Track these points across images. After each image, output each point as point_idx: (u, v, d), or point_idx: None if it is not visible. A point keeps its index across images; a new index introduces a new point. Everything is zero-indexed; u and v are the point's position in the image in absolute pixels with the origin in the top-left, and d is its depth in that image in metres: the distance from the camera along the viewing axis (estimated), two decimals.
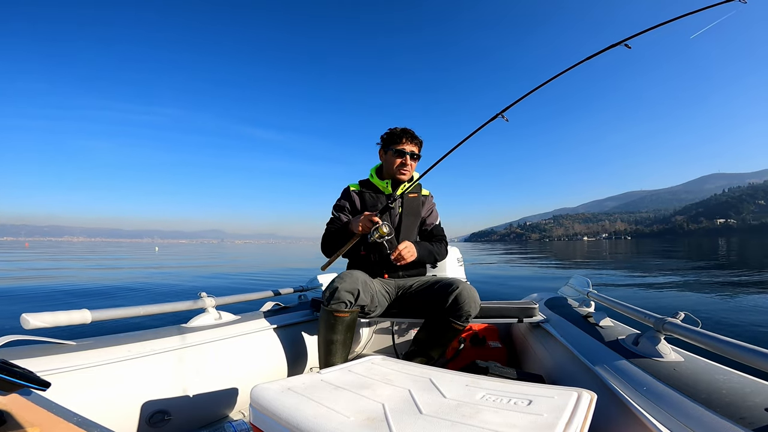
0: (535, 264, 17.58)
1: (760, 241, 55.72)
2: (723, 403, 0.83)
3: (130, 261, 20.99)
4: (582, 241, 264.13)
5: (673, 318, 1.18)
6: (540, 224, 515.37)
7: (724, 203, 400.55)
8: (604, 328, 1.55)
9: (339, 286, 1.51)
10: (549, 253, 32.08)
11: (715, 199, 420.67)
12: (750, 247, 32.63)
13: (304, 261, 20.99)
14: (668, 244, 59.58)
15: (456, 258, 2.65)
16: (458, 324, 1.58)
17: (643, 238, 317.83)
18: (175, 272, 13.81)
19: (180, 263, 19.46)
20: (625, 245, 64.57)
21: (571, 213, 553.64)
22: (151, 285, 8.93)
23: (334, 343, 1.55)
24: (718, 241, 66.96)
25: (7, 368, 0.64)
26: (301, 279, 2.57)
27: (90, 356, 1.21)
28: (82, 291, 7.72)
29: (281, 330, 1.86)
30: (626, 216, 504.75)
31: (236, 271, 13.89)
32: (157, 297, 7.19)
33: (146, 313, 1.49)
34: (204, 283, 9.91)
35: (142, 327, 1.53)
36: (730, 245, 38.58)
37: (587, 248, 49.68)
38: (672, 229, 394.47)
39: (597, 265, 16.76)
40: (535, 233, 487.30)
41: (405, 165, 1.84)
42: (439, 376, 1.02)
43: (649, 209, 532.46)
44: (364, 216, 1.64)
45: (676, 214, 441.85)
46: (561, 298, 2.20)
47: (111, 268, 16.12)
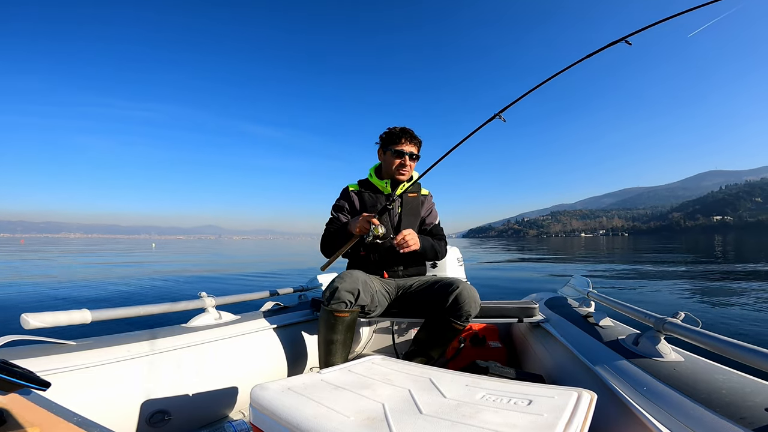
0: (533, 261, 17.53)
1: (757, 238, 56.68)
2: (723, 403, 0.83)
3: (126, 258, 20.79)
4: (579, 238, 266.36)
5: (673, 318, 1.18)
6: (538, 220, 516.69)
7: (721, 200, 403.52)
8: (604, 328, 1.55)
9: (339, 286, 1.51)
10: (546, 250, 32.05)
11: (712, 196, 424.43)
12: (746, 244, 33.03)
13: (303, 257, 20.84)
14: (665, 240, 59.72)
15: (456, 258, 2.65)
16: (458, 324, 1.58)
17: (640, 234, 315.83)
18: (173, 269, 13.73)
19: (177, 260, 19.34)
20: (622, 242, 64.94)
21: (569, 209, 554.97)
22: (150, 285, 8.93)
23: (334, 342, 1.55)
24: (714, 238, 67.79)
25: (7, 368, 0.64)
26: (301, 279, 2.57)
27: (90, 356, 1.21)
28: (76, 291, 7.69)
29: (281, 330, 1.86)
30: (623, 213, 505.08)
31: (235, 270, 13.81)
32: (156, 297, 7.18)
33: (146, 313, 1.49)
34: (204, 283, 9.91)
35: (142, 327, 1.53)
36: (726, 242, 39.17)
37: (584, 245, 49.93)
38: (669, 225, 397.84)
39: (593, 261, 16.99)
40: (532, 229, 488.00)
41: (404, 165, 1.83)
42: (439, 376, 1.02)
43: (646, 206, 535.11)
44: (362, 217, 1.64)
45: (673, 211, 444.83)
46: (561, 298, 2.20)
47: (106, 263, 16.06)
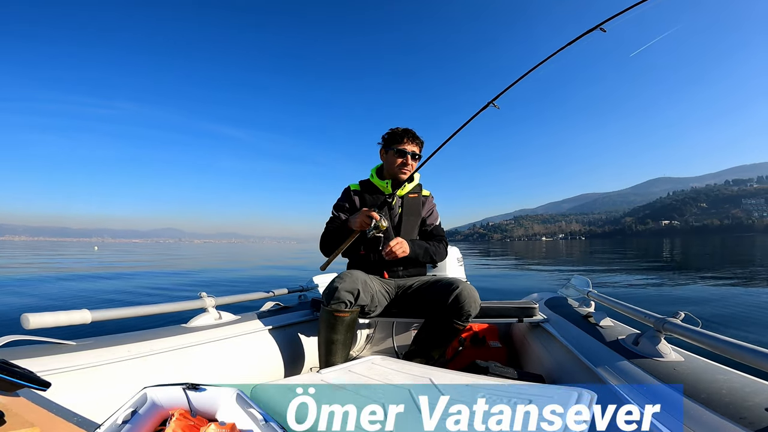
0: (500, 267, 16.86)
1: (701, 242, 59.56)
2: (723, 403, 0.83)
3: (50, 260, 19.12)
4: (541, 241, 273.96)
5: (674, 318, 1.18)
6: (502, 224, 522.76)
7: (669, 206, 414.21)
8: (604, 328, 1.55)
9: (339, 286, 1.51)
10: (510, 254, 32.05)
11: (660, 201, 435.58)
12: (691, 247, 34.89)
13: (266, 261, 19.72)
14: (617, 244, 63.01)
15: (456, 258, 2.65)
16: (458, 324, 1.58)
17: (595, 238, 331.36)
18: (103, 273, 11.98)
19: (112, 264, 17.51)
20: (579, 245, 69.08)
21: (531, 214, 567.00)
22: (151, 285, 8.93)
23: (334, 342, 1.55)
24: (662, 241, 70.71)
25: (7, 368, 0.64)
26: (301, 279, 2.57)
27: (90, 356, 1.21)
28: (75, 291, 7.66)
29: (281, 330, 1.86)
30: (581, 217, 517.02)
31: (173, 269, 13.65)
32: (156, 297, 7.18)
33: (146, 313, 1.49)
34: (204, 282, 9.92)
35: (142, 327, 1.53)
36: (673, 245, 41.23)
37: (545, 248, 51.80)
38: (622, 230, 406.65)
39: (552, 263, 17.47)
40: (497, 233, 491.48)
41: (406, 164, 1.84)
42: (439, 376, 1.02)
43: (601, 211, 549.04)
44: (362, 212, 1.65)
45: (625, 216, 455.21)
46: (561, 298, 2.20)
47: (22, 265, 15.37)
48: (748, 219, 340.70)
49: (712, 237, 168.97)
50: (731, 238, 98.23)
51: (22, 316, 1.14)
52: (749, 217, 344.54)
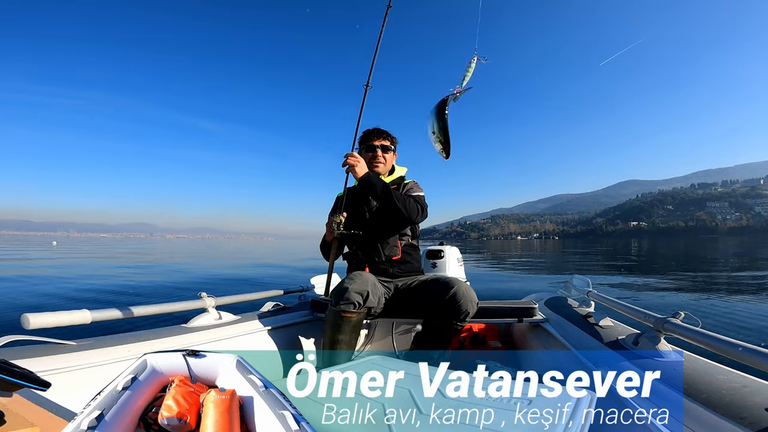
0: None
1: (667, 242, 62.43)
2: (723, 403, 0.83)
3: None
4: (516, 240, 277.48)
5: (673, 318, 1.18)
6: (479, 223, 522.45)
7: (637, 207, 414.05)
8: (604, 327, 1.55)
9: (349, 287, 1.51)
10: (487, 252, 32.52)
11: (629, 203, 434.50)
12: (658, 247, 36.48)
13: (293, 260, 19.18)
14: (588, 244, 64.69)
15: (456, 258, 2.65)
16: (457, 323, 1.58)
17: (568, 237, 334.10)
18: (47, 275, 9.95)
19: (68, 260, 16.27)
20: (553, 244, 71.67)
21: (507, 213, 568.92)
22: (150, 285, 8.93)
23: (339, 343, 1.55)
24: (630, 242, 72.85)
25: (7, 368, 0.64)
26: (301, 279, 2.57)
27: (90, 356, 1.21)
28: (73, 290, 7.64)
29: (281, 330, 1.86)
30: (555, 217, 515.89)
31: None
32: (156, 297, 7.18)
33: (146, 313, 1.49)
34: (204, 282, 9.92)
35: (142, 327, 1.53)
36: (640, 246, 42.86)
37: (521, 247, 53.27)
38: (593, 230, 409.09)
39: (523, 263, 17.76)
40: (474, 232, 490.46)
41: (376, 157, 1.87)
42: (439, 375, 1.02)
43: (574, 211, 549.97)
44: (327, 223, 1.78)
45: (597, 217, 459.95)
46: (561, 298, 2.20)
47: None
48: (711, 221, 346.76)
49: (678, 238, 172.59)
50: (695, 240, 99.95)
51: (23, 316, 1.14)
52: (713, 220, 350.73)
